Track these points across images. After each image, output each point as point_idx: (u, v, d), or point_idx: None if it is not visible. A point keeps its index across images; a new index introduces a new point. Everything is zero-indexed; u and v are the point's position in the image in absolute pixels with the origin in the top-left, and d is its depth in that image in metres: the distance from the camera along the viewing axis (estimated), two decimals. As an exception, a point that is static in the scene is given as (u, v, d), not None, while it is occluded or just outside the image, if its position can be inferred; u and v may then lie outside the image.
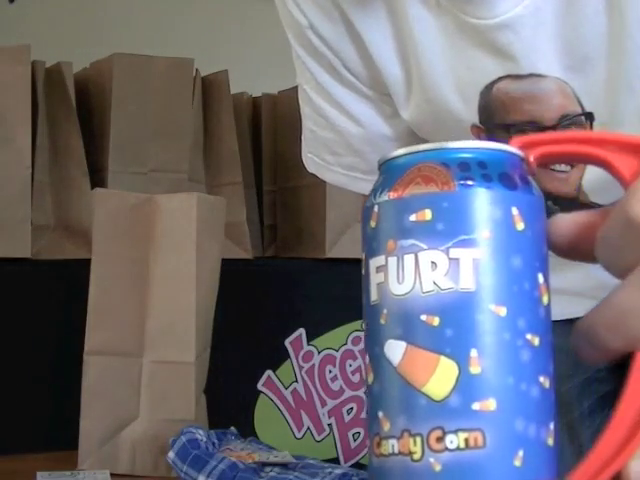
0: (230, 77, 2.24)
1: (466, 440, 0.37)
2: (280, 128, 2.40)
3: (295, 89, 2.56)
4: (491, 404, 0.37)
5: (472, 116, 0.85)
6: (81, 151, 2.07)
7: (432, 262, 0.38)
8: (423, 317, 0.38)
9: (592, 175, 0.85)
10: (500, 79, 0.82)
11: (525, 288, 0.40)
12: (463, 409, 0.37)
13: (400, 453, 0.38)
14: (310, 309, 2.18)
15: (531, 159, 0.43)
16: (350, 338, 2.24)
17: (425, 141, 0.92)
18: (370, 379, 0.40)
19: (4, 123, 1.94)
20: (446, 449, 0.37)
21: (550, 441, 0.40)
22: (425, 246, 0.39)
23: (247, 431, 1.65)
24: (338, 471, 1.44)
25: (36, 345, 1.95)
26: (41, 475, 1.52)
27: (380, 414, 0.39)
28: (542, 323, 0.41)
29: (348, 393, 2.24)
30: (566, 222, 0.46)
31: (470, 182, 0.40)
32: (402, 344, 0.38)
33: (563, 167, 0.86)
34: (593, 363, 0.46)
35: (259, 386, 2.16)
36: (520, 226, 0.40)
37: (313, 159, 1.08)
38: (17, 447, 1.79)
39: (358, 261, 1.62)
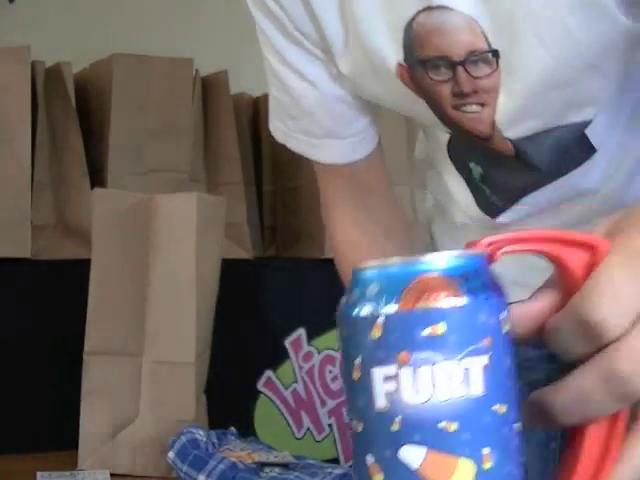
0: (230, 77, 2.24)
1: None
2: (280, 128, 2.40)
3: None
4: None
5: (400, 55, 0.88)
6: (81, 151, 2.07)
7: (448, 373, 0.41)
8: (442, 424, 0.41)
9: (502, 114, 0.89)
10: (419, 13, 0.84)
11: (513, 382, 0.44)
12: None
13: None
14: (310, 309, 2.18)
15: (497, 257, 0.46)
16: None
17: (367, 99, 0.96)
18: (380, 479, 0.42)
19: (4, 123, 1.94)
20: None
21: None
22: (440, 358, 0.41)
23: (247, 431, 1.65)
24: (338, 471, 1.44)
25: (36, 345, 1.95)
26: (41, 475, 1.52)
27: None
28: (519, 409, 0.45)
29: (348, 393, 2.24)
30: (521, 317, 0.49)
31: (475, 293, 0.42)
32: (422, 449, 0.40)
33: (474, 108, 0.89)
34: (539, 429, 0.50)
35: (259, 386, 2.16)
36: (506, 328, 0.44)
37: (280, 127, 1.13)
38: (17, 447, 1.79)
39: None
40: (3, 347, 1.92)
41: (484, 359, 0.42)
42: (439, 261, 0.42)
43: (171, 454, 1.45)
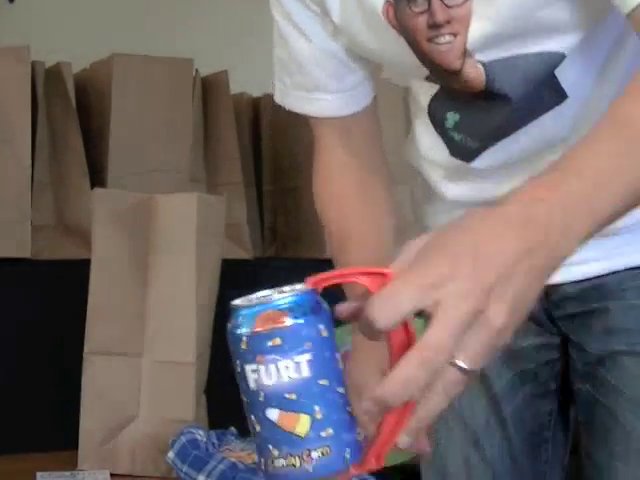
0: (230, 77, 2.24)
1: (322, 452, 0.69)
2: (280, 128, 2.40)
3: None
4: (330, 431, 0.69)
5: None
6: (81, 151, 2.07)
7: (285, 366, 0.69)
8: (286, 395, 0.69)
9: (474, 40, 0.95)
10: None
11: (333, 364, 0.72)
12: (317, 437, 0.69)
13: (286, 466, 0.70)
14: (310, 309, 2.18)
15: (319, 289, 0.76)
16: (350, 338, 2.24)
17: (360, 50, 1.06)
18: (258, 428, 0.72)
19: (4, 123, 1.94)
20: (312, 459, 0.69)
21: (359, 437, 0.71)
22: (280, 358, 0.69)
23: (247, 431, 1.65)
24: (338, 471, 1.44)
25: (36, 345, 1.95)
26: (41, 475, 1.52)
27: (270, 446, 0.71)
28: (340, 375, 0.72)
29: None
30: (341, 309, 0.80)
31: (296, 318, 0.70)
32: (277, 410, 0.70)
33: (447, 38, 0.96)
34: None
35: (259, 386, 2.15)
36: (324, 333, 0.74)
37: (279, 87, 1.19)
38: (17, 447, 1.79)
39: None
40: (3, 347, 1.92)
41: (307, 355, 0.70)
42: (277, 299, 0.71)
43: (171, 454, 1.45)
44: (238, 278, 2.02)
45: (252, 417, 0.72)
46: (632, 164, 0.82)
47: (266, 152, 2.42)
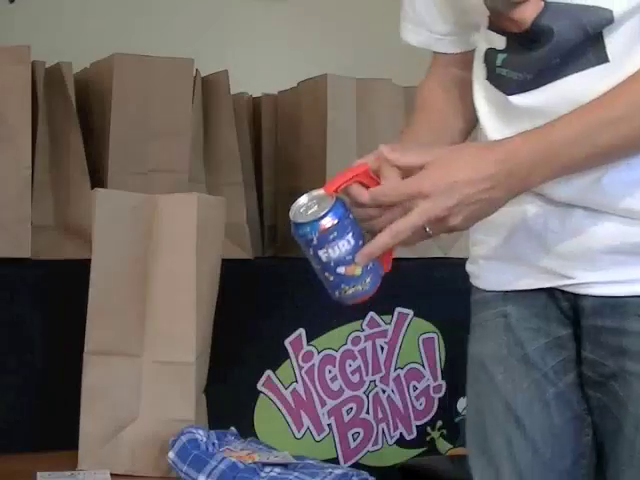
0: (230, 77, 2.24)
1: (370, 279, 1.11)
2: (280, 128, 2.40)
3: (295, 90, 2.57)
4: (370, 268, 1.10)
5: None
6: (81, 151, 2.07)
7: (342, 244, 1.09)
8: (347, 257, 1.10)
9: None
10: None
11: (360, 228, 1.09)
12: (366, 273, 1.10)
13: (355, 291, 1.12)
14: (310, 309, 2.18)
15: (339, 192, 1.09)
16: (350, 338, 2.24)
17: None
18: (332, 279, 1.13)
19: (4, 123, 1.94)
20: (367, 283, 1.11)
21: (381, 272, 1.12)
22: (339, 241, 1.09)
23: (247, 431, 1.65)
24: (338, 471, 1.44)
25: (36, 345, 1.95)
26: (41, 475, 1.52)
27: (342, 285, 1.12)
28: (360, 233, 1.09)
29: (348, 393, 2.24)
30: (357, 195, 1.08)
31: (339, 217, 1.08)
32: (343, 267, 1.11)
33: None
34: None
35: (259, 386, 2.16)
36: (351, 216, 1.09)
37: (403, 25, 1.33)
38: (17, 447, 1.79)
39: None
40: (3, 347, 1.92)
41: (350, 233, 1.08)
42: (324, 214, 1.08)
43: (171, 454, 1.45)
44: (238, 278, 2.02)
45: (326, 274, 1.13)
46: (608, 129, 1.02)
47: (266, 152, 2.42)
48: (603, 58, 1.07)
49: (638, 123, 1.03)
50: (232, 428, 1.59)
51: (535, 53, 1.09)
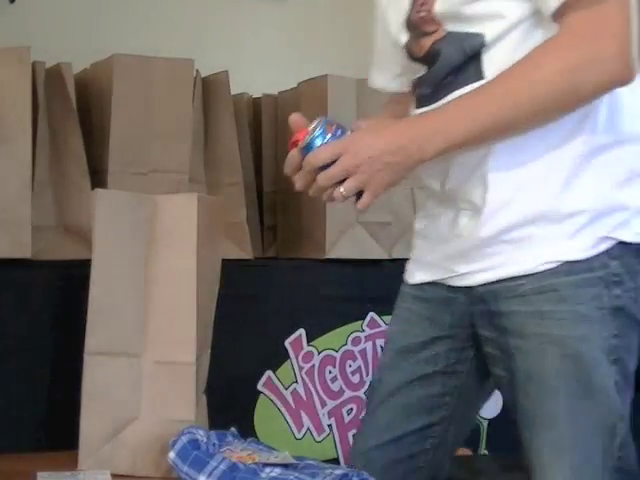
0: (230, 78, 2.24)
1: None
2: (280, 128, 2.40)
3: (295, 90, 2.57)
4: None
5: None
6: (81, 151, 2.07)
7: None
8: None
9: (435, 14, 1.37)
10: None
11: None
12: None
13: None
14: (310, 309, 2.18)
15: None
16: (350, 339, 2.24)
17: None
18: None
19: (4, 123, 1.94)
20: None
21: None
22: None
23: (247, 431, 1.65)
24: (338, 472, 1.44)
25: (36, 345, 1.95)
26: (41, 475, 1.52)
27: None
28: None
29: (348, 394, 2.24)
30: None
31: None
32: None
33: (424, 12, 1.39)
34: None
35: (259, 386, 2.16)
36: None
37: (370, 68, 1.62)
38: (17, 447, 1.79)
39: (358, 261, 1.64)
40: (3, 347, 1.92)
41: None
42: (327, 133, 1.36)
43: (172, 454, 1.45)
44: (238, 278, 2.02)
45: None
46: (485, 107, 1.30)
47: (266, 152, 2.42)
48: (479, 75, 1.35)
49: (508, 104, 1.30)
50: (232, 428, 1.59)
51: (431, 71, 1.40)
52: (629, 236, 1.36)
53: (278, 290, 2.17)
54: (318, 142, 1.36)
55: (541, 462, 1.37)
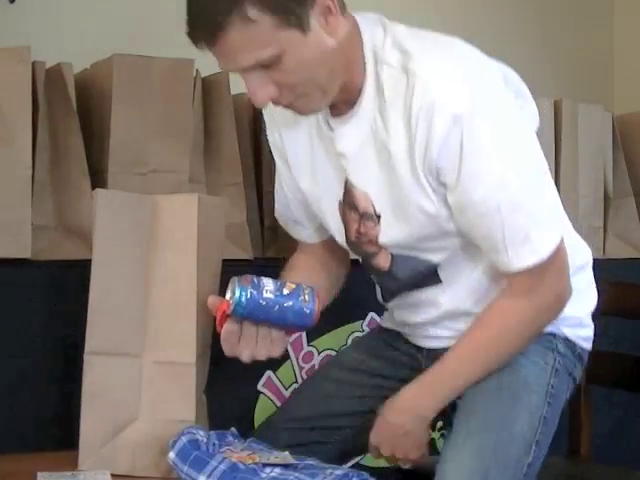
0: (230, 78, 2.24)
1: None
2: (280, 128, 2.40)
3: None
4: None
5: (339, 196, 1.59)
6: (81, 151, 2.07)
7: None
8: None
9: (383, 242, 1.56)
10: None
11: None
12: None
13: None
14: (310, 309, 2.17)
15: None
16: (350, 339, 2.24)
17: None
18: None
19: (4, 123, 1.94)
20: None
21: None
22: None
23: (247, 431, 1.65)
24: (338, 472, 1.44)
25: (36, 345, 1.95)
26: (41, 475, 1.52)
27: None
28: None
29: (348, 393, 2.23)
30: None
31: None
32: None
33: (365, 239, 1.58)
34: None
35: (259, 386, 2.16)
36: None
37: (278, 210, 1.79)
38: (17, 447, 1.79)
39: (358, 261, 1.62)
40: (3, 347, 1.92)
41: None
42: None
43: (172, 454, 1.45)
44: (238, 278, 2.02)
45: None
46: (466, 370, 1.55)
47: (266, 152, 2.42)
48: (437, 280, 1.59)
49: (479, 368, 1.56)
50: (232, 429, 1.59)
51: (392, 285, 1.65)
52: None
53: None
54: (243, 299, 1.45)
55: (454, 441, 1.56)
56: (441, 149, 1.41)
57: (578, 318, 1.65)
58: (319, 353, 2.21)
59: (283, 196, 1.71)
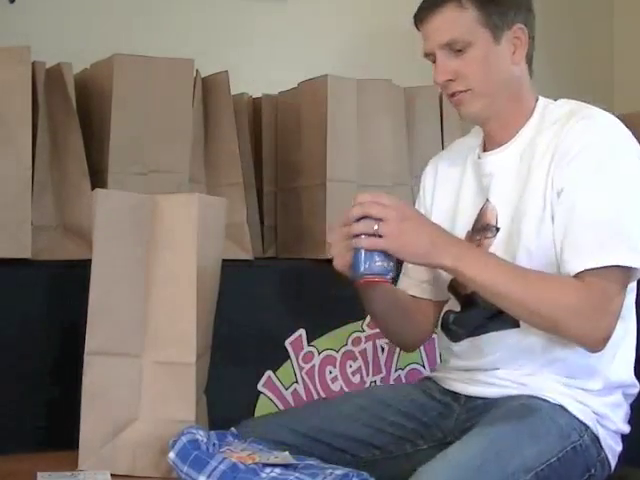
0: (230, 78, 2.24)
1: None
2: (280, 129, 2.40)
3: (295, 90, 2.57)
4: None
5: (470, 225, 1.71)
6: (81, 151, 2.07)
7: None
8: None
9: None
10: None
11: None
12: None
13: None
14: (310, 309, 2.18)
15: None
16: (350, 339, 2.24)
17: None
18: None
19: (4, 124, 1.94)
20: None
21: None
22: None
23: (247, 432, 1.65)
24: (339, 472, 1.44)
25: (36, 345, 1.95)
26: (41, 475, 1.52)
27: None
28: None
29: (348, 393, 2.23)
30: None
31: None
32: None
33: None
34: None
35: (259, 386, 2.16)
36: None
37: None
38: (17, 447, 1.79)
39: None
40: (3, 347, 1.92)
41: None
42: None
43: (172, 454, 1.45)
44: (238, 278, 2.02)
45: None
46: (492, 274, 1.52)
47: (266, 152, 2.42)
48: (516, 323, 1.60)
49: (509, 287, 1.52)
50: (232, 429, 1.59)
51: (471, 312, 1.66)
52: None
53: (278, 290, 2.17)
54: None
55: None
56: (567, 136, 1.58)
57: (614, 423, 1.63)
58: (319, 353, 2.21)
59: None
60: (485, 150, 1.73)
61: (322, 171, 2.22)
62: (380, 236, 1.49)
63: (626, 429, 1.65)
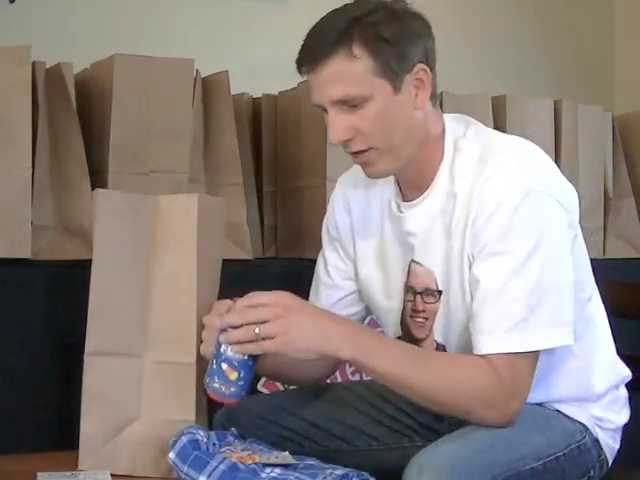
0: (230, 78, 2.24)
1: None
2: (280, 129, 2.40)
3: (295, 90, 2.57)
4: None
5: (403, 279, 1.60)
6: (81, 151, 2.07)
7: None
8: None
9: (438, 324, 1.55)
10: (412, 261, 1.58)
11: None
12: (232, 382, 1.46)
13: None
14: (310, 309, 2.17)
15: None
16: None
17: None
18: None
19: (4, 124, 1.94)
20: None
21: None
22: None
23: (247, 432, 1.65)
24: (338, 472, 1.44)
25: (36, 345, 1.95)
26: (41, 475, 1.52)
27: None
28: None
29: (348, 393, 2.23)
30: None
31: None
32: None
33: (420, 319, 1.57)
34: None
35: (259, 386, 2.16)
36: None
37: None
38: (17, 447, 1.79)
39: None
40: (3, 347, 1.92)
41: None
42: None
43: (172, 455, 1.45)
44: (238, 278, 2.02)
45: (213, 361, 1.46)
46: (391, 359, 1.44)
47: (266, 152, 2.43)
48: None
49: (408, 372, 1.44)
50: (232, 429, 1.59)
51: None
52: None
53: (278, 290, 2.17)
54: None
55: None
56: (486, 222, 1.45)
57: (612, 422, 1.61)
58: (319, 353, 2.20)
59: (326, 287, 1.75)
60: (403, 198, 1.58)
61: (322, 171, 2.22)
62: (264, 339, 1.41)
63: (625, 418, 1.63)
